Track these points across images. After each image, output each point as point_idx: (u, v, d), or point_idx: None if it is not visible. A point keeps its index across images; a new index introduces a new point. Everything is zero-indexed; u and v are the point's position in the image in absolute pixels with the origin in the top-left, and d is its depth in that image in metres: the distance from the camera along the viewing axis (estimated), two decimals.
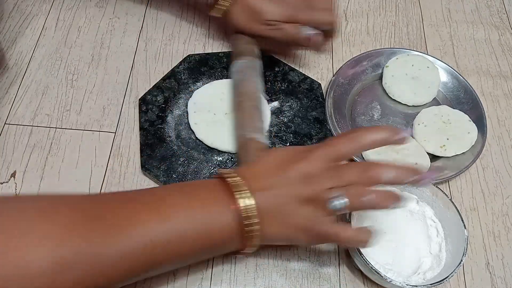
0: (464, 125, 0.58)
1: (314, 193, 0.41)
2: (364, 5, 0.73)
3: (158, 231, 0.38)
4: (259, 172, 0.43)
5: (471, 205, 0.56)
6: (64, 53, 0.64)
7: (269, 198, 0.41)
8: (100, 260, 0.35)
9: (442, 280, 0.44)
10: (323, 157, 0.42)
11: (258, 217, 0.40)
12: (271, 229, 0.42)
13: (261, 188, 0.41)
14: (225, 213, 0.40)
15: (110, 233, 0.36)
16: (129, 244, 0.37)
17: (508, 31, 0.72)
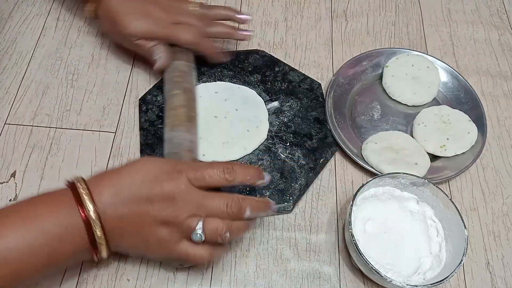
0: (464, 125, 0.58)
1: (173, 217, 0.41)
2: (364, 5, 0.73)
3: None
4: (117, 185, 0.41)
5: (471, 205, 0.56)
6: (64, 53, 0.64)
7: (121, 212, 0.40)
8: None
9: (442, 280, 0.44)
10: (192, 181, 0.42)
11: (101, 230, 0.40)
12: (122, 243, 0.42)
13: (115, 203, 0.40)
14: (74, 222, 0.39)
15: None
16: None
17: (508, 31, 0.72)
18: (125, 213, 0.41)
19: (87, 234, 0.40)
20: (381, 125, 0.61)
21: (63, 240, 0.39)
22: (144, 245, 0.43)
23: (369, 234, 0.49)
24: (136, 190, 0.41)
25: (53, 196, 0.41)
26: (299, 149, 0.57)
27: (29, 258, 0.38)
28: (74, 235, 0.39)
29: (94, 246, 0.40)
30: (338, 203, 0.55)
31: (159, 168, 0.43)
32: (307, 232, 0.53)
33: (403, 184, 0.51)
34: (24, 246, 0.38)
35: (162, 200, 0.41)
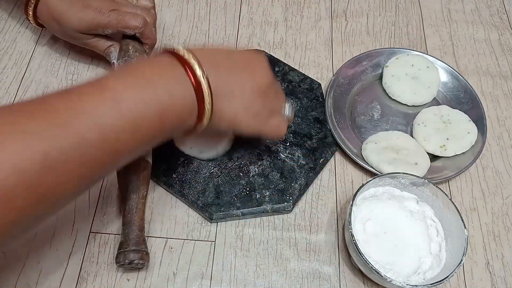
0: (464, 125, 0.58)
1: (271, 89, 0.45)
2: (364, 5, 0.73)
3: (108, 117, 0.35)
4: (219, 53, 0.44)
5: (471, 205, 0.56)
6: (64, 53, 0.64)
7: (226, 78, 0.42)
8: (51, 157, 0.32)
9: (442, 280, 0.44)
10: None
11: (209, 91, 0.40)
12: (225, 109, 0.42)
13: (219, 68, 0.42)
14: (180, 86, 0.39)
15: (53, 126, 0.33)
16: (79, 135, 0.33)
17: (508, 31, 0.72)
18: (230, 79, 0.42)
19: (196, 96, 0.39)
20: (381, 125, 0.61)
21: (173, 97, 0.39)
22: (245, 113, 0.44)
23: (369, 234, 0.49)
24: (236, 60, 0.44)
25: (156, 60, 0.41)
26: (299, 149, 0.57)
27: (144, 112, 0.37)
28: (184, 94, 0.39)
29: (201, 110, 0.40)
30: (338, 203, 0.55)
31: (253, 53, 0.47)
32: (307, 232, 0.53)
33: (403, 184, 0.51)
34: (138, 99, 0.37)
35: (262, 71, 0.45)
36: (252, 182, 0.54)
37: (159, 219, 0.52)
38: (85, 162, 0.34)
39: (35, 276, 0.48)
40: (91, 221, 0.51)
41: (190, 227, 0.52)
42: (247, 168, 0.55)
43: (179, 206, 0.53)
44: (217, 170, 0.54)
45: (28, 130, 0.32)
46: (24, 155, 0.31)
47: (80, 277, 0.48)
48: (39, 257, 0.49)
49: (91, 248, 0.50)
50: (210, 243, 0.51)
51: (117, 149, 0.36)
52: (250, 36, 0.68)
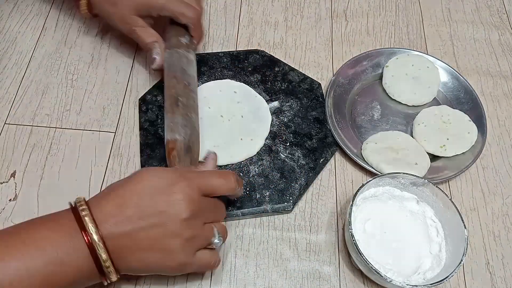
0: (464, 125, 0.58)
1: (189, 228, 0.40)
2: (364, 5, 0.73)
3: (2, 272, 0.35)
4: (125, 202, 0.39)
5: (471, 205, 0.56)
6: (64, 53, 0.64)
7: (130, 230, 0.39)
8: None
9: (442, 280, 0.44)
10: (201, 191, 0.42)
11: (106, 253, 0.38)
12: (133, 263, 0.40)
13: (122, 222, 0.39)
14: (77, 245, 0.37)
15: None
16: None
17: (508, 31, 0.72)
18: (136, 231, 0.39)
19: (92, 258, 0.38)
20: (381, 125, 0.61)
21: (64, 264, 0.37)
22: (159, 262, 0.41)
23: (369, 234, 0.49)
24: (145, 207, 0.39)
25: (54, 219, 0.40)
26: (299, 149, 0.57)
27: (29, 283, 0.36)
28: (77, 258, 0.38)
29: (101, 270, 0.39)
30: (338, 203, 0.55)
31: (166, 178, 0.41)
32: (307, 232, 0.53)
33: (403, 184, 0.51)
34: (23, 269, 0.36)
35: (175, 212, 0.40)
36: (252, 182, 0.54)
37: None
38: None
39: None
40: None
41: None
42: (247, 168, 0.55)
43: None
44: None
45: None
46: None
47: None
48: None
49: None
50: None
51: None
52: (250, 36, 0.68)
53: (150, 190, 0.40)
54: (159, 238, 0.40)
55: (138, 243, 0.39)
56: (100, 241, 0.38)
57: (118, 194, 0.40)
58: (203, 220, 0.42)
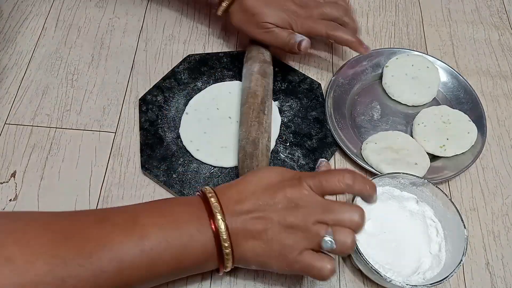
0: (464, 125, 0.58)
1: (299, 221, 0.40)
2: (364, 5, 0.73)
3: (130, 252, 0.37)
4: (242, 193, 0.41)
5: (471, 205, 0.56)
6: (64, 53, 0.64)
7: (246, 219, 0.40)
8: (67, 284, 0.34)
9: (442, 280, 0.44)
10: (311, 187, 0.41)
11: (229, 240, 0.40)
12: (246, 251, 0.41)
13: (241, 211, 0.40)
14: (202, 232, 0.40)
15: (79, 255, 0.35)
16: (98, 266, 0.36)
17: (508, 31, 0.72)
18: (249, 220, 0.40)
19: (215, 242, 0.40)
20: (381, 125, 0.61)
21: (194, 241, 0.39)
22: (268, 253, 0.41)
23: (369, 234, 0.49)
24: (259, 198, 0.41)
25: (186, 201, 0.43)
26: (299, 149, 0.57)
27: (163, 252, 0.38)
28: (204, 240, 0.40)
29: (221, 256, 0.40)
30: None
31: (280, 175, 0.43)
32: None
33: (402, 184, 0.51)
34: (162, 239, 0.38)
35: (286, 205, 0.40)
36: None
37: None
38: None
39: None
40: None
41: None
42: None
43: None
44: (217, 170, 0.54)
45: (58, 255, 0.35)
46: (46, 279, 0.34)
47: None
48: None
49: None
50: None
51: (130, 282, 0.38)
52: None
53: (264, 184, 0.42)
54: (268, 230, 0.40)
55: (250, 233, 0.40)
56: (225, 229, 0.40)
57: (238, 184, 0.43)
58: (316, 218, 0.40)
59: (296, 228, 0.40)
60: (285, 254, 0.41)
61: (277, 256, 0.41)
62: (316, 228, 0.40)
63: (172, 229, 0.39)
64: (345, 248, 0.40)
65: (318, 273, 0.41)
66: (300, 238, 0.40)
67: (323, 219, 0.40)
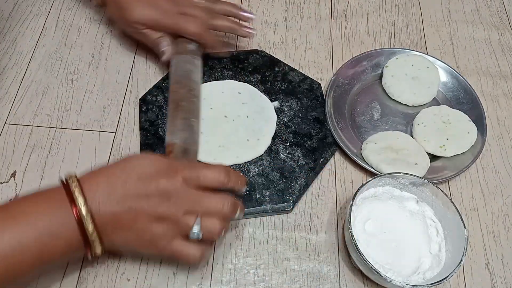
0: (464, 125, 0.58)
1: (169, 213, 0.41)
2: (364, 5, 0.73)
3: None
4: (113, 183, 0.41)
5: (471, 205, 0.56)
6: (64, 53, 0.64)
7: (115, 208, 0.40)
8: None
9: (442, 280, 0.44)
10: (187, 181, 0.43)
11: (94, 228, 0.40)
12: (116, 239, 0.42)
13: (110, 202, 0.40)
14: (64, 225, 0.39)
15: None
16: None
17: (508, 31, 0.72)
18: (119, 210, 0.41)
19: (79, 230, 0.39)
20: (381, 125, 0.61)
21: (54, 236, 0.39)
22: (138, 242, 0.43)
23: (369, 234, 0.49)
24: (131, 188, 0.41)
25: (45, 194, 0.41)
26: (299, 149, 0.57)
27: (21, 255, 0.38)
28: (66, 231, 0.39)
29: (87, 243, 0.40)
30: (337, 203, 0.55)
31: (154, 166, 0.43)
32: (307, 232, 0.53)
33: (402, 184, 0.51)
34: (15, 242, 0.37)
35: (158, 196, 0.41)
36: (252, 182, 0.54)
37: None
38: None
39: None
40: None
41: None
42: (247, 168, 0.55)
43: None
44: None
45: None
46: None
47: (80, 277, 0.48)
48: None
49: None
50: None
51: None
52: None
53: (138, 173, 0.42)
54: (138, 220, 0.41)
55: (120, 221, 0.41)
56: (88, 214, 0.39)
57: (109, 171, 0.42)
58: (186, 209, 0.42)
59: (166, 219, 0.42)
60: (155, 243, 0.42)
61: (147, 245, 0.43)
62: (185, 219, 0.42)
63: (26, 231, 0.38)
64: (212, 236, 0.43)
65: (186, 260, 0.43)
66: (170, 229, 0.42)
67: (194, 209, 0.42)
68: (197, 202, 0.43)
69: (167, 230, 0.42)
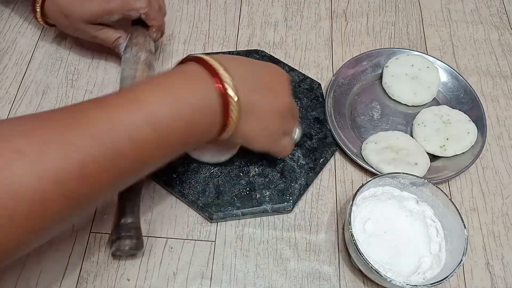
0: (464, 125, 0.58)
1: (289, 114, 0.47)
2: (364, 5, 0.73)
3: (140, 130, 0.36)
4: (243, 64, 0.45)
5: (471, 205, 0.56)
6: (64, 53, 0.64)
7: (249, 97, 0.42)
8: (87, 168, 0.33)
9: (442, 280, 0.44)
10: None
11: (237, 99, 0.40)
12: (245, 127, 0.43)
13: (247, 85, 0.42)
14: (209, 91, 0.39)
15: (89, 138, 0.33)
16: (111, 147, 0.34)
17: (508, 31, 0.72)
18: (254, 95, 0.43)
19: (222, 111, 0.40)
20: (381, 125, 0.61)
21: (202, 112, 0.39)
22: (262, 132, 0.45)
23: (369, 234, 0.49)
24: (260, 76, 0.44)
25: (185, 73, 0.41)
26: (299, 149, 0.57)
27: (174, 125, 0.38)
28: (211, 107, 0.40)
29: (226, 126, 0.41)
30: (338, 203, 0.55)
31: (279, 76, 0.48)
32: (307, 232, 0.53)
33: (403, 184, 0.51)
34: (170, 111, 0.37)
35: (284, 94, 0.46)
36: (252, 182, 0.54)
37: (159, 219, 0.52)
38: (117, 172, 0.36)
39: (35, 276, 0.48)
40: (91, 221, 0.51)
41: (190, 227, 0.52)
42: (247, 168, 0.55)
43: (179, 206, 0.53)
44: (217, 170, 0.54)
45: (66, 140, 0.33)
46: (63, 166, 0.32)
47: (80, 277, 0.48)
48: (39, 257, 0.49)
49: (91, 248, 0.50)
50: (210, 243, 0.51)
51: (146, 159, 0.38)
52: (250, 36, 0.68)
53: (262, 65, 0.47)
54: (266, 114, 0.44)
55: (253, 110, 0.43)
56: (235, 96, 0.40)
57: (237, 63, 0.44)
58: (295, 116, 0.50)
59: (285, 118, 0.47)
60: (272, 136, 0.47)
61: (267, 135, 0.46)
62: (293, 120, 0.50)
63: (177, 103, 0.38)
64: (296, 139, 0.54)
65: (286, 153, 0.52)
66: (286, 125, 0.48)
67: (296, 117, 0.51)
68: (296, 113, 0.51)
69: (284, 126, 0.47)
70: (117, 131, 0.35)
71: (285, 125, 0.48)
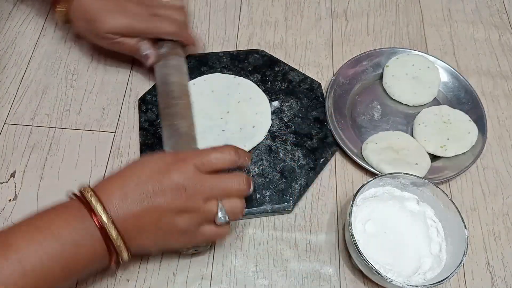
0: (464, 125, 0.58)
1: (189, 204, 0.41)
2: (364, 5, 0.73)
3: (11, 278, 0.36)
4: (125, 187, 0.41)
5: (471, 205, 0.56)
6: (63, 53, 0.64)
7: (134, 210, 0.40)
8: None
9: (443, 280, 0.44)
10: (198, 167, 0.42)
11: (118, 233, 0.39)
12: (143, 242, 0.42)
13: (127, 207, 0.40)
14: (87, 234, 0.39)
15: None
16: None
17: (508, 31, 0.72)
18: (138, 211, 0.40)
19: (103, 239, 0.39)
20: (381, 125, 0.61)
21: (80, 247, 0.39)
22: (167, 238, 0.43)
23: (369, 234, 0.49)
24: (144, 187, 0.41)
25: (63, 207, 0.41)
26: (299, 149, 0.57)
27: (48, 268, 0.37)
28: (90, 240, 0.39)
29: (113, 251, 0.40)
30: (338, 203, 0.55)
31: (162, 161, 0.43)
32: (307, 232, 0.52)
33: (403, 184, 0.51)
34: (42, 255, 0.37)
35: (174, 190, 0.41)
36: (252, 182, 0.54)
37: None
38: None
39: None
40: None
41: None
42: (247, 168, 0.55)
43: None
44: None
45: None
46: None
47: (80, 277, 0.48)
48: None
49: None
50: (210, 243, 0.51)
51: None
52: (250, 36, 0.68)
53: (148, 171, 0.42)
54: (161, 217, 0.41)
55: (142, 223, 0.41)
56: (109, 220, 0.39)
57: (120, 176, 0.42)
58: (205, 196, 0.42)
59: (188, 211, 0.41)
60: (184, 234, 0.43)
61: (177, 238, 0.43)
62: (208, 206, 0.42)
63: (52, 243, 0.38)
64: (236, 215, 0.44)
65: (221, 238, 0.48)
66: (195, 218, 0.42)
67: (213, 195, 0.42)
68: (214, 187, 0.42)
69: (193, 219, 0.42)
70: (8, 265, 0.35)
71: (193, 219, 0.42)
